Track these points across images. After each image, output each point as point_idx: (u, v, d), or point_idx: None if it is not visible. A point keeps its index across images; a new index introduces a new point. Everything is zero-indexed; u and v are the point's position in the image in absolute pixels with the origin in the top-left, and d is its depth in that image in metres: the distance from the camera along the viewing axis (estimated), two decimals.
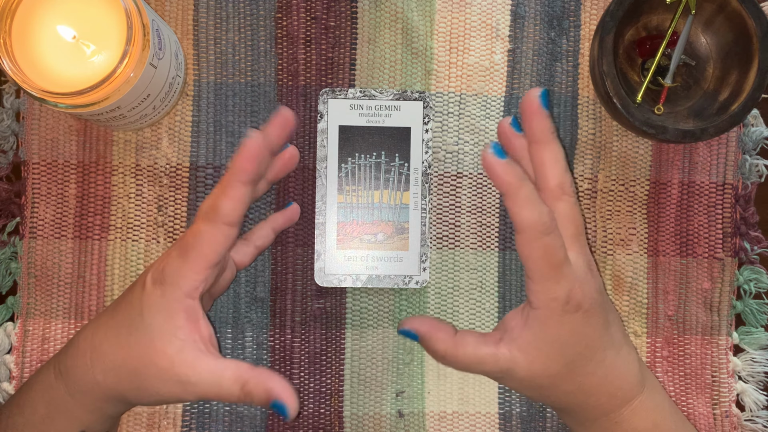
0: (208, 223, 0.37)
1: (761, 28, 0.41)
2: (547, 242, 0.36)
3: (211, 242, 0.37)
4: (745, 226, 0.47)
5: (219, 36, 0.46)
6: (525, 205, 0.36)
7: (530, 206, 0.36)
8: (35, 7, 0.37)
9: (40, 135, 0.45)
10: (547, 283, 0.37)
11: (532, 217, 0.36)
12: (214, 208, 0.36)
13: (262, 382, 0.36)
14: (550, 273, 0.36)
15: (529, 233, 0.36)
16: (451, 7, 0.46)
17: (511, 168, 0.36)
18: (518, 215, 0.36)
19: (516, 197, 0.36)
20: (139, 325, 0.37)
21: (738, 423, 0.46)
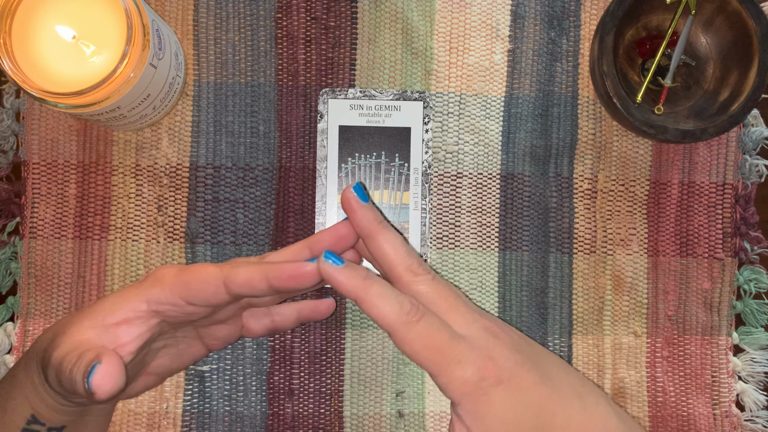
0: (217, 269, 0.35)
1: (761, 28, 0.41)
2: (421, 330, 0.33)
3: (203, 283, 0.35)
4: (745, 226, 0.47)
5: (219, 36, 0.46)
6: (380, 303, 0.33)
7: (385, 301, 0.33)
8: (35, 7, 0.37)
9: (40, 135, 0.45)
10: (448, 369, 0.32)
11: (393, 311, 0.33)
12: (234, 266, 0.35)
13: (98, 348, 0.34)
14: (443, 358, 0.32)
15: (399, 328, 0.33)
16: (451, 7, 0.46)
17: (351, 271, 0.33)
18: (378, 316, 0.33)
19: (368, 297, 0.33)
20: (99, 302, 0.37)
21: (738, 423, 0.46)
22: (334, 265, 0.34)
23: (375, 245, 0.36)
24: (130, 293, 0.36)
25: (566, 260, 0.46)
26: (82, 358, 0.33)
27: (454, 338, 0.33)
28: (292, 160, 0.46)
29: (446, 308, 0.35)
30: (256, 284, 0.35)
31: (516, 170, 0.46)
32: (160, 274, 0.36)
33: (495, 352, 0.34)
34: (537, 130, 0.46)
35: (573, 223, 0.46)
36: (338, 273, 0.34)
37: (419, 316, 0.33)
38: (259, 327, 0.42)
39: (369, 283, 0.33)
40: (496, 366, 0.33)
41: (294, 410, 0.45)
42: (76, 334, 0.35)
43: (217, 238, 0.45)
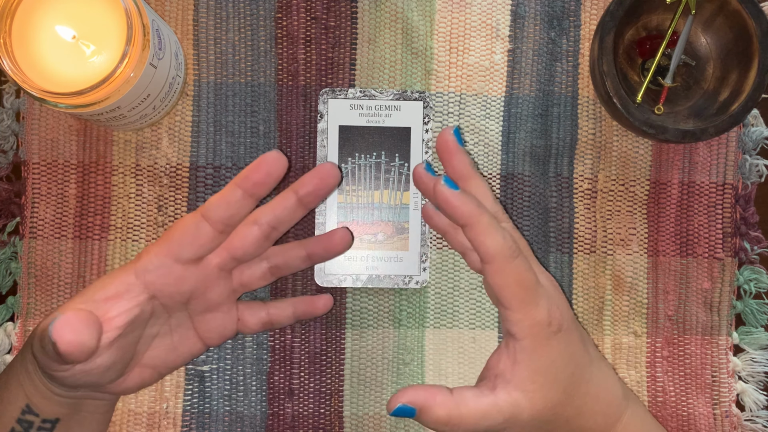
0: (192, 213, 0.38)
1: (761, 28, 0.41)
2: (518, 265, 0.35)
3: (182, 228, 0.37)
4: (745, 226, 0.47)
5: (219, 36, 0.46)
6: (489, 233, 0.34)
7: (494, 232, 0.35)
8: (35, 7, 0.37)
9: (40, 135, 0.45)
10: (528, 308, 0.35)
11: (498, 243, 0.34)
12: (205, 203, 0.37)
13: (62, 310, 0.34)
14: (528, 296, 0.35)
15: (499, 260, 0.35)
16: (451, 7, 0.46)
17: (467, 198, 0.35)
18: (483, 245, 0.35)
19: (478, 226, 0.34)
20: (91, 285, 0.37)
21: (738, 423, 0.46)
22: (452, 189, 0.35)
23: (468, 187, 0.39)
24: (119, 270, 0.37)
25: (566, 260, 0.46)
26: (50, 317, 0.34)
27: (537, 282, 0.36)
28: (292, 160, 0.46)
29: (527, 255, 0.38)
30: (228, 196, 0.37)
31: (516, 170, 0.46)
32: (145, 248, 0.38)
33: (560, 303, 0.37)
34: (537, 130, 0.46)
35: (573, 223, 0.46)
36: (455, 198, 0.35)
37: (518, 253, 0.35)
38: (255, 320, 0.42)
39: (481, 212, 0.35)
40: (561, 315, 0.36)
41: (294, 410, 0.45)
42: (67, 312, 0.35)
43: None
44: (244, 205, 0.37)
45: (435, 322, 0.46)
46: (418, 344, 0.46)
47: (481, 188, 0.39)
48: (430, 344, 0.46)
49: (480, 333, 0.46)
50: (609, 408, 0.39)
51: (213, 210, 0.37)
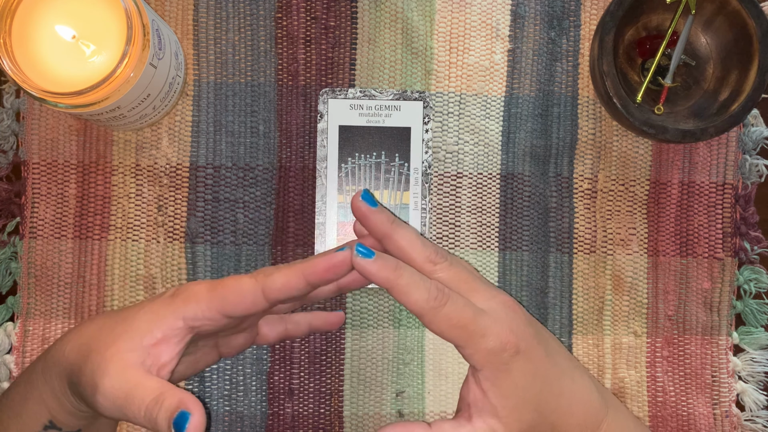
0: (250, 277, 0.36)
1: (761, 28, 0.41)
2: (447, 312, 0.36)
3: (241, 292, 0.36)
4: (745, 226, 0.47)
5: (219, 36, 0.46)
6: (409, 291, 0.36)
7: (414, 289, 0.36)
8: (35, 7, 0.37)
9: (40, 135, 0.45)
10: (474, 342, 0.36)
11: (421, 297, 0.36)
12: (267, 274, 0.36)
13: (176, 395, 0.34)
14: (469, 333, 0.36)
15: (428, 313, 0.36)
16: (451, 7, 0.46)
17: (383, 263, 0.36)
18: (408, 303, 0.36)
19: (399, 288, 0.36)
20: (128, 317, 0.36)
21: (738, 423, 0.46)
22: (366, 258, 0.36)
23: (392, 244, 0.38)
24: (163, 310, 0.36)
25: (566, 260, 0.46)
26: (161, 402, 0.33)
27: (477, 314, 0.36)
28: (292, 160, 0.46)
29: (467, 289, 0.38)
30: (294, 285, 0.36)
31: (516, 170, 0.46)
32: (193, 291, 0.37)
33: (513, 324, 0.37)
34: (537, 130, 0.46)
35: (573, 223, 0.46)
36: (370, 265, 0.36)
37: (445, 300, 0.36)
38: (273, 334, 0.43)
39: (399, 273, 0.36)
40: (516, 337, 0.36)
41: (294, 410, 0.45)
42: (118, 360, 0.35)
43: (217, 238, 0.45)
44: (303, 291, 0.37)
45: None
46: (418, 344, 0.46)
47: (405, 239, 0.38)
48: (430, 344, 0.46)
49: None
50: (586, 418, 0.38)
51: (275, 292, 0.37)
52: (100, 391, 0.34)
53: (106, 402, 0.34)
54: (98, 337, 0.36)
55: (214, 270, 0.45)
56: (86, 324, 0.38)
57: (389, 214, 0.39)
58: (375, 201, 0.38)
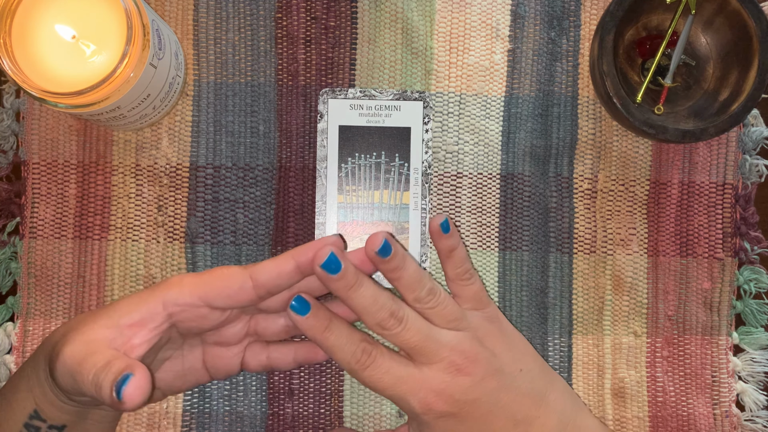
0: (239, 267, 0.38)
1: (761, 28, 0.41)
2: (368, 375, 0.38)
3: (228, 279, 0.37)
4: (745, 226, 0.47)
5: (219, 36, 0.46)
6: (335, 352, 0.39)
7: (339, 351, 0.38)
8: (35, 7, 0.37)
9: (40, 135, 0.45)
10: (397, 401, 0.39)
11: (345, 359, 0.38)
12: (256, 263, 0.38)
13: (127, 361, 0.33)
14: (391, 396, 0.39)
15: (352, 373, 0.39)
16: (451, 7, 0.46)
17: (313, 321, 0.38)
18: (336, 360, 0.39)
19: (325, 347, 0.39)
20: (114, 304, 0.37)
21: (738, 423, 0.46)
22: (299, 316, 0.38)
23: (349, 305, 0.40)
24: (146, 295, 0.37)
25: (566, 260, 0.46)
26: (109, 366, 0.33)
27: (397, 381, 0.39)
28: (292, 160, 0.46)
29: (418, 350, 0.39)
30: (284, 269, 0.37)
31: (516, 170, 0.46)
32: (179, 277, 0.38)
33: (447, 393, 0.39)
34: (537, 130, 0.46)
35: (573, 223, 0.46)
36: (302, 321, 0.38)
37: (369, 363, 0.38)
38: (255, 362, 0.42)
39: (326, 336, 0.39)
40: (445, 404, 0.39)
41: (294, 410, 0.45)
42: (89, 332, 0.35)
43: (217, 238, 0.45)
44: (293, 278, 0.38)
45: None
46: None
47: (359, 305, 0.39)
48: None
49: None
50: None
51: (264, 276, 0.37)
52: (60, 358, 0.34)
53: (63, 368, 0.34)
54: (81, 320, 0.36)
55: None
56: (79, 315, 0.38)
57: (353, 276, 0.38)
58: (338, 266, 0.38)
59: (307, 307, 0.38)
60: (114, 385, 0.32)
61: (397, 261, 0.39)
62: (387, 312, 0.39)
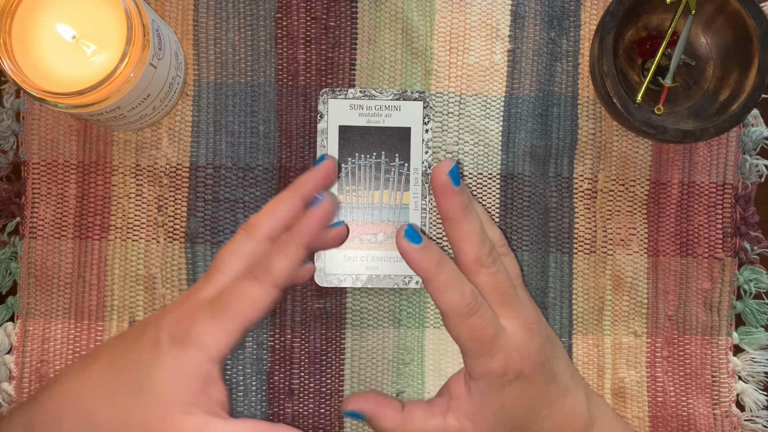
0: (256, 282, 0.34)
1: (761, 28, 0.41)
2: (472, 323, 0.35)
3: (255, 303, 0.34)
4: (745, 226, 0.47)
5: (219, 36, 0.46)
6: (445, 290, 0.35)
7: (450, 290, 0.35)
8: (35, 7, 0.37)
9: (40, 135, 0.45)
10: (481, 358, 0.36)
11: (454, 300, 0.35)
12: (267, 267, 0.34)
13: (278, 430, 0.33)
14: (482, 349, 0.36)
15: (454, 317, 0.36)
16: (451, 7, 0.46)
17: (426, 253, 0.35)
18: (439, 301, 0.36)
19: (435, 283, 0.35)
20: (145, 387, 0.32)
21: (738, 423, 0.46)
22: (412, 244, 0.35)
23: (454, 229, 0.37)
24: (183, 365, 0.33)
25: (566, 260, 0.46)
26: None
27: (497, 335, 0.36)
28: (292, 160, 0.46)
29: (499, 301, 0.37)
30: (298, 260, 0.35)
31: (516, 170, 0.46)
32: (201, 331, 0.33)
33: (526, 351, 0.37)
34: (537, 130, 0.46)
35: (573, 223, 0.46)
36: (415, 252, 0.35)
37: (475, 310, 0.36)
38: None
39: (440, 269, 0.35)
40: (523, 364, 0.36)
41: (294, 410, 0.45)
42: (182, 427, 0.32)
43: (217, 238, 0.45)
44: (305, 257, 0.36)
45: (435, 322, 0.46)
46: (418, 344, 0.46)
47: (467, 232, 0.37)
48: (430, 344, 0.46)
49: None
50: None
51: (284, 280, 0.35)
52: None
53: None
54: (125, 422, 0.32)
55: None
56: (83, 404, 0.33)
57: (466, 197, 0.37)
58: (459, 179, 0.37)
59: (419, 236, 0.35)
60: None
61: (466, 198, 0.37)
62: (489, 246, 0.37)
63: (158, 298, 0.45)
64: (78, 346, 0.45)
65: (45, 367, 0.45)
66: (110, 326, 0.45)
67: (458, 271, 0.36)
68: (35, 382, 0.45)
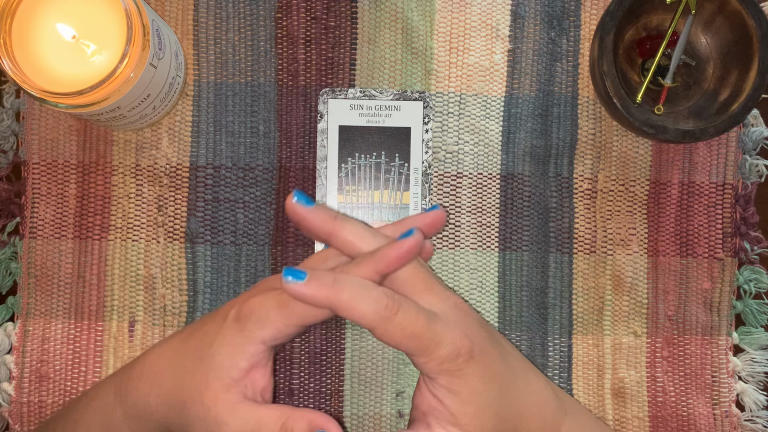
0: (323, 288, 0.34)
1: (761, 28, 0.41)
2: (400, 320, 0.33)
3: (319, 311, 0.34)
4: (745, 226, 0.47)
5: (219, 36, 0.46)
6: (355, 305, 0.33)
7: (361, 302, 0.33)
8: (35, 7, 0.37)
9: (40, 135, 0.45)
10: (428, 350, 0.33)
11: (370, 308, 0.33)
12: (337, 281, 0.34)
13: (304, 416, 0.33)
14: (424, 343, 0.33)
15: (380, 325, 0.33)
16: (451, 7, 0.46)
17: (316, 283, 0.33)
18: (357, 318, 0.33)
19: (342, 304, 0.33)
20: (205, 356, 0.34)
21: (738, 423, 0.46)
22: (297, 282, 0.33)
23: (339, 242, 0.36)
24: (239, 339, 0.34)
25: (566, 260, 0.46)
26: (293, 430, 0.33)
27: (431, 322, 0.34)
28: (292, 160, 0.46)
29: (422, 289, 0.35)
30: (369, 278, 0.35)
31: (516, 170, 0.46)
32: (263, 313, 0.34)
33: (467, 329, 0.35)
34: (537, 130, 0.46)
35: (573, 223, 0.46)
36: (302, 288, 0.33)
37: (397, 307, 0.33)
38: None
39: (338, 289, 0.33)
40: (470, 342, 0.34)
41: None
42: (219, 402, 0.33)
43: (217, 238, 0.45)
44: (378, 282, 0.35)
45: None
46: None
47: (353, 234, 0.36)
48: None
49: None
50: (545, 420, 0.37)
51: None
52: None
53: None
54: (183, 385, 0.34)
55: (214, 270, 0.45)
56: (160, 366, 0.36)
57: (330, 210, 0.36)
58: (310, 199, 0.36)
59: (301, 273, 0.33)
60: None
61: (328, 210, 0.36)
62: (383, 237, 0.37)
63: (158, 298, 0.45)
64: (78, 346, 0.45)
65: (45, 367, 0.45)
66: (110, 326, 0.45)
67: (359, 279, 0.34)
68: (35, 382, 0.45)
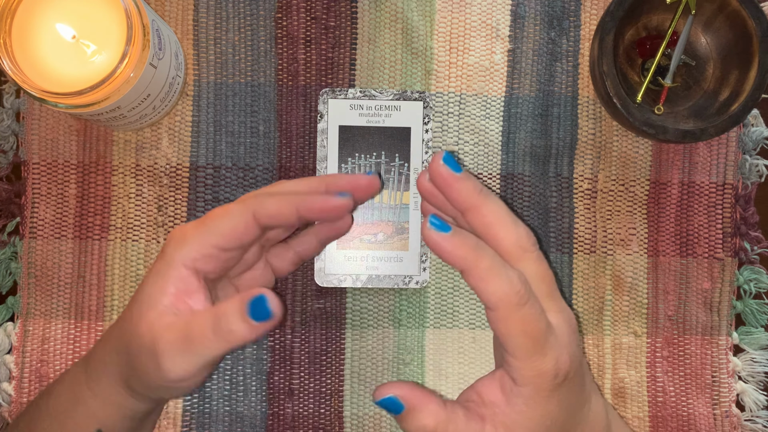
0: (243, 206, 0.34)
1: (761, 28, 0.41)
2: (525, 314, 0.31)
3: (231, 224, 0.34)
4: (745, 226, 0.47)
5: (219, 36, 0.46)
6: (491, 278, 0.30)
7: (497, 277, 0.30)
8: (35, 7, 0.37)
9: (40, 135, 0.45)
10: (533, 358, 0.31)
11: (502, 288, 0.30)
12: (259, 199, 0.34)
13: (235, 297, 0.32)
14: (535, 347, 0.31)
15: (503, 309, 0.30)
16: (451, 7, 0.46)
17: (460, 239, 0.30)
18: (485, 291, 0.30)
19: (477, 271, 0.30)
20: (138, 293, 0.35)
21: (738, 423, 0.46)
22: (440, 232, 0.30)
23: (477, 219, 0.33)
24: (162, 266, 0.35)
25: (566, 260, 0.46)
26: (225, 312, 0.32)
27: (548, 330, 0.31)
28: (292, 160, 0.46)
29: (546, 293, 0.33)
30: (285, 214, 0.34)
31: (516, 170, 0.46)
32: (180, 234, 0.35)
33: (571, 349, 0.32)
34: (537, 130, 0.46)
35: (573, 223, 0.46)
36: (445, 241, 0.30)
37: (527, 299, 0.31)
38: (285, 263, 0.41)
39: (479, 254, 0.30)
40: (570, 364, 0.32)
41: (294, 410, 0.45)
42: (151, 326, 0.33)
43: None
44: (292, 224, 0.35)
45: (435, 322, 0.46)
46: (418, 344, 0.46)
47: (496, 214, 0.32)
48: (430, 344, 0.46)
49: (480, 333, 0.46)
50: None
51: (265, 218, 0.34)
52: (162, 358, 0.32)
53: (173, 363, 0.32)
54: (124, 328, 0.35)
55: None
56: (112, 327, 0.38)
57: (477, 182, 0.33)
58: (459, 165, 0.33)
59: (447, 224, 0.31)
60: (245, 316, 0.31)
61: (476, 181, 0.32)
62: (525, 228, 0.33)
63: None
64: (78, 346, 0.45)
65: (45, 367, 0.45)
66: None
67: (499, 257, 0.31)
68: (35, 382, 0.45)
